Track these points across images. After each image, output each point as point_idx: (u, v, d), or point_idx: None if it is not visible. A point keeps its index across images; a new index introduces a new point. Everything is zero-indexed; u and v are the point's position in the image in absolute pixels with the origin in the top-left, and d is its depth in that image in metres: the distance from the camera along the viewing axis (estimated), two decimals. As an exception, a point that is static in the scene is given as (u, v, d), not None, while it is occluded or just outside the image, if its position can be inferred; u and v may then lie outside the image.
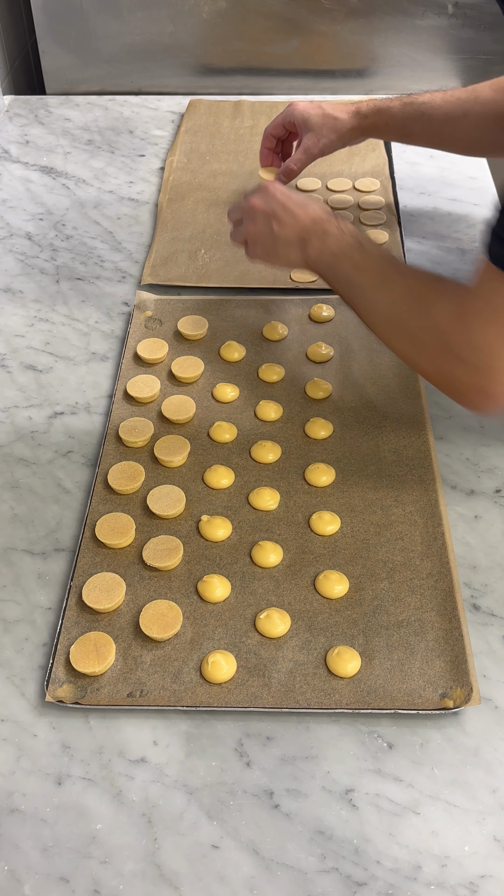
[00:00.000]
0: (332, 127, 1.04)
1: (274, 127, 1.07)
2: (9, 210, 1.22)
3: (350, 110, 1.04)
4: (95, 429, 0.89)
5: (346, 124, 1.04)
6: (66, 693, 0.66)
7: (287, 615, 0.71)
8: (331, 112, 1.04)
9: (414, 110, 1.01)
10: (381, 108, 1.03)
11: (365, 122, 1.04)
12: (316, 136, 1.04)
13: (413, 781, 0.62)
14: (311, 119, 1.03)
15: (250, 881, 0.57)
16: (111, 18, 1.45)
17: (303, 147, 1.04)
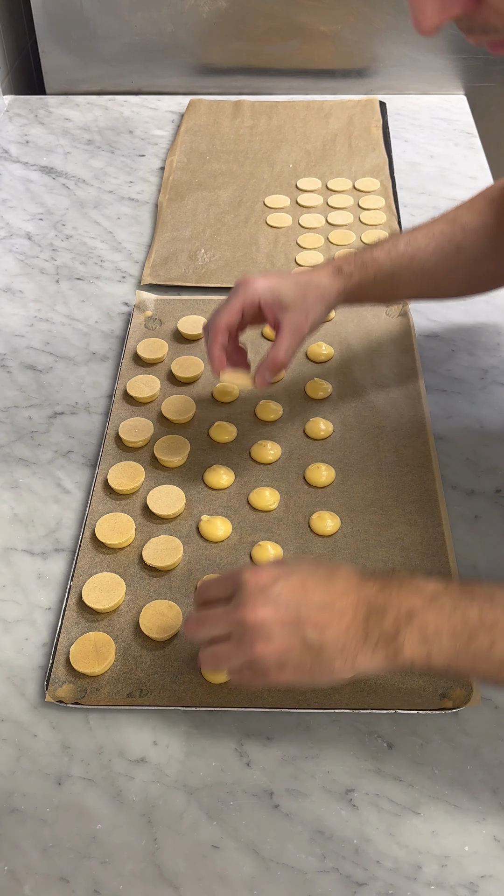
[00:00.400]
0: (318, 297, 0.78)
1: (229, 314, 0.76)
2: (9, 210, 1.22)
3: (329, 271, 0.80)
4: (95, 429, 0.89)
5: (330, 289, 0.79)
6: (66, 693, 0.66)
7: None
8: (306, 279, 0.78)
9: (400, 255, 0.81)
10: (366, 262, 0.80)
11: (350, 283, 0.80)
12: (301, 312, 0.76)
13: (413, 781, 0.62)
14: (286, 294, 0.76)
15: (250, 881, 0.57)
16: (111, 18, 1.44)
17: (289, 328, 0.76)
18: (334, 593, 0.56)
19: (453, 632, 0.53)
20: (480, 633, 0.53)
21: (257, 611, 0.56)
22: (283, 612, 0.55)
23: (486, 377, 0.94)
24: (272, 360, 0.76)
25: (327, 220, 1.18)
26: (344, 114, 1.41)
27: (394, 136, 1.37)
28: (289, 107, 1.44)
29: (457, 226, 0.82)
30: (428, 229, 0.82)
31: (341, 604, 0.55)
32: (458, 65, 1.47)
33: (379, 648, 0.54)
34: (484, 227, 0.81)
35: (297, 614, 0.55)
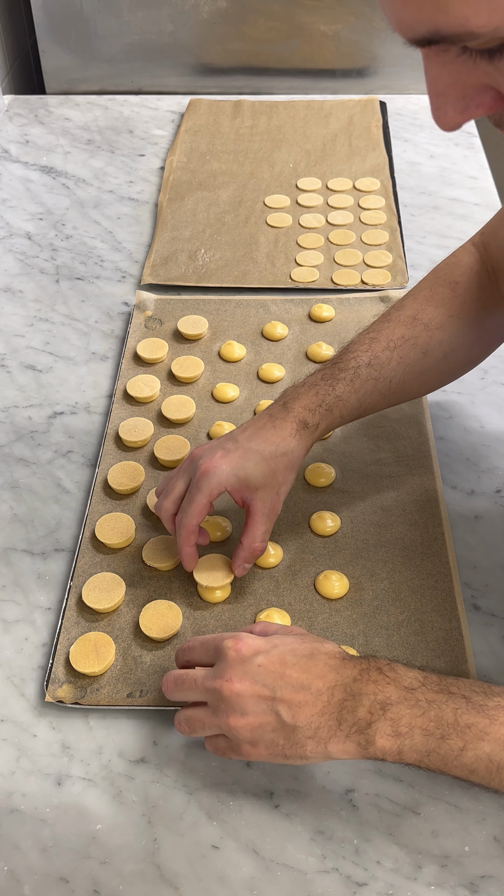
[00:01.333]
0: (287, 466, 0.70)
1: (199, 515, 0.69)
2: (9, 210, 1.22)
3: (292, 430, 0.70)
4: (95, 429, 0.89)
5: (299, 454, 0.71)
6: (66, 693, 0.66)
7: (287, 615, 0.71)
8: (272, 450, 0.69)
9: (364, 382, 0.73)
10: (331, 405, 0.72)
11: (317, 434, 0.72)
12: (272, 490, 0.70)
13: (413, 781, 0.62)
14: (253, 475, 0.69)
15: (250, 881, 0.57)
16: (111, 18, 1.45)
17: (259, 515, 0.70)
18: (312, 674, 0.55)
19: (426, 729, 0.52)
20: (453, 735, 0.52)
21: (234, 684, 0.56)
22: (259, 687, 0.55)
23: (486, 377, 0.94)
24: (250, 551, 0.71)
25: (327, 220, 1.18)
26: (344, 114, 1.41)
27: (394, 136, 1.37)
28: (289, 107, 1.44)
29: (419, 327, 0.74)
30: (387, 339, 0.74)
31: (318, 686, 0.55)
32: (459, 65, 1.46)
33: (351, 737, 0.54)
34: (450, 319, 0.75)
35: (273, 692, 0.55)
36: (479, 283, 0.76)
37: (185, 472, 0.70)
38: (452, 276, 0.76)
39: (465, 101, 0.40)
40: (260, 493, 0.70)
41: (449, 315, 0.75)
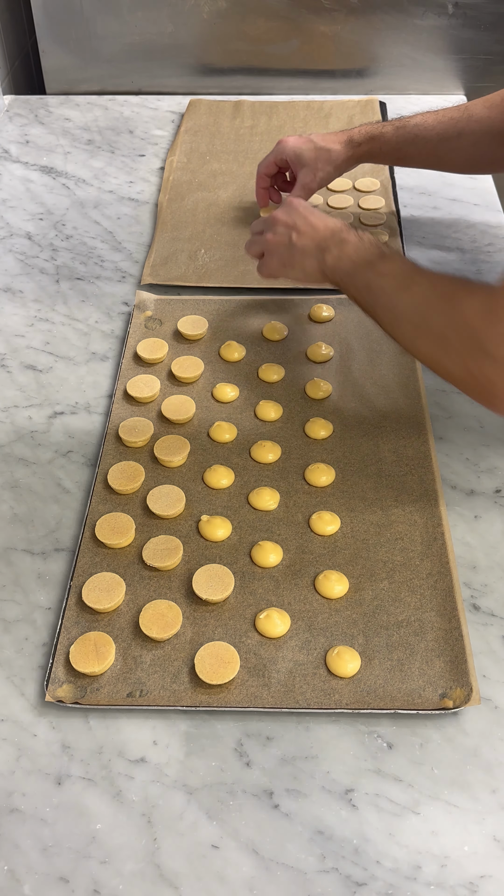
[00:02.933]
0: (327, 159, 1.04)
1: (266, 166, 1.08)
2: (9, 210, 1.22)
3: (342, 140, 1.04)
4: (95, 429, 0.89)
5: (340, 155, 1.04)
6: (66, 693, 0.66)
7: (287, 615, 0.71)
8: (323, 144, 1.04)
9: (407, 133, 1.01)
10: (375, 135, 1.03)
11: (359, 151, 1.04)
12: (312, 170, 1.04)
13: (413, 781, 0.62)
14: (304, 154, 1.03)
15: (250, 881, 0.57)
16: (111, 18, 1.45)
17: (300, 183, 1.04)
18: (321, 221, 0.84)
19: (352, 259, 0.79)
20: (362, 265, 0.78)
21: (279, 214, 0.88)
22: (289, 218, 0.86)
23: (486, 377, 0.94)
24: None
25: (327, 220, 1.18)
26: (344, 114, 1.41)
27: (394, 136, 1.37)
28: (289, 107, 1.44)
29: (466, 113, 0.98)
30: (441, 113, 1.00)
31: (319, 227, 0.84)
32: (458, 65, 1.47)
33: (316, 257, 0.82)
34: (489, 118, 0.96)
35: (295, 222, 0.85)
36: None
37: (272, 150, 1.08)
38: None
39: None
40: (305, 169, 1.04)
41: (489, 115, 0.97)
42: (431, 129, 1.00)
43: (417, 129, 1.01)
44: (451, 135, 0.99)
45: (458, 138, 0.99)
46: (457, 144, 0.99)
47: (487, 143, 0.98)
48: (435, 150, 1.01)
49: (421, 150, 1.02)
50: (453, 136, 0.99)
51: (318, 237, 0.83)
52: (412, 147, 1.02)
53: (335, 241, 0.81)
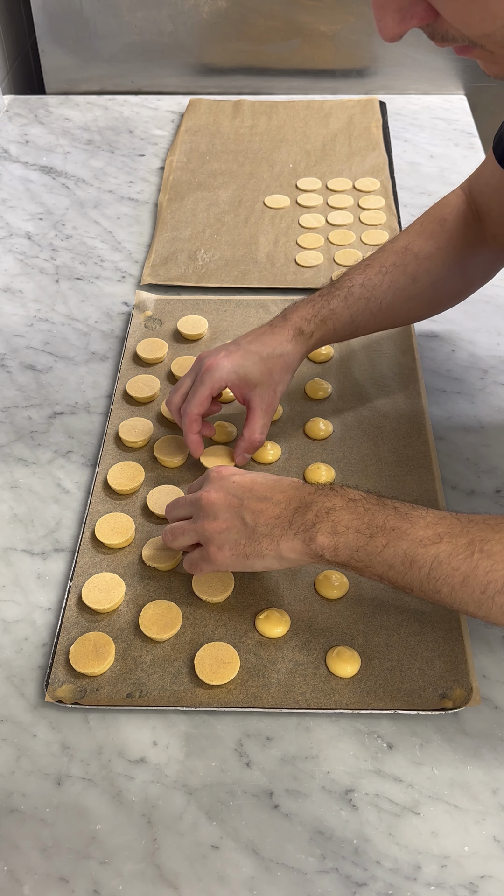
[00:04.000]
0: (283, 367, 0.80)
1: (199, 404, 0.79)
2: (9, 210, 1.22)
3: (289, 335, 0.80)
4: (95, 429, 0.89)
5: (295, 356, 0.81)
6: (66, 693, 0.66)
7: (287, 615, 0.71)
8: (269, 351, 0.79)
9: (357, 300, 0.82)
10: (325, 317, 0.81)
11: (311, 342, 0.82)
12: (269, 388, 0.80)
13: (413, 782, 0.62)
14: (252, 371, 0.78)
15: (250, 881, 0.57)
16: (111, 18, 1.44)
17: (259, 410, 0.80)
18: (275, 490, 0.66)
19: (359, 530, 0.60)
20: (380, 535, 0.60)
21: (211, 494, 0.67)
22: (230, 497, 0.66)
23: (486, 377, 0.94)
24: (250, 442, 0.80)
25: (327, 220, 1.18)
26: (344, 114, 1.41)
27: (394, 136, 1.37)
28: (289, 107, 1.44)
29: (409, 255, 0.83)
30: (380, 265, 0.83)
31: (278, 498, 0.65)
32: (458, 65, 1.47)
33: (298, 535, 0.62)
34: (438, 251, 0.82)
35: (241, 501, 0.65)
36: (465, 221, 0.83)
37: (193, 371, 0.80)
38: (441, 214, 0.84)
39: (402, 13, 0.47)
40: (258, 389, 0.79)
41: (437, 247, 0.82)
42: (379, 284, 0.82)
43: (366, 291, 0.82)
44: (403, 283, 0.82)
45: (413, 284, 0.82)
46: (413, 291, 0.83)
47: (445, 279, 0.84)
48: (391, 308, 0.83)
49: (375, 314, 0.83)
50: (407, 283, 0.82)
51: (285, 510, 0.64)
52: (365, 314, 0.83)
53: (315, 511, 0.62)
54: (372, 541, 0.60)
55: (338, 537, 0.61)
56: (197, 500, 0.68)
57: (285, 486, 0.66)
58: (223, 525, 0.65)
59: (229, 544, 0.65)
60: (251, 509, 0.65)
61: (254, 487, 0.66)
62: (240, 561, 0.65)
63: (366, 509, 0.61)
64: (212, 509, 0.66)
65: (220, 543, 0.65)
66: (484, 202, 0.83)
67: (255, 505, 0.65)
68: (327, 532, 0.61)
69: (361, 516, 0.61)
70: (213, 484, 0.68)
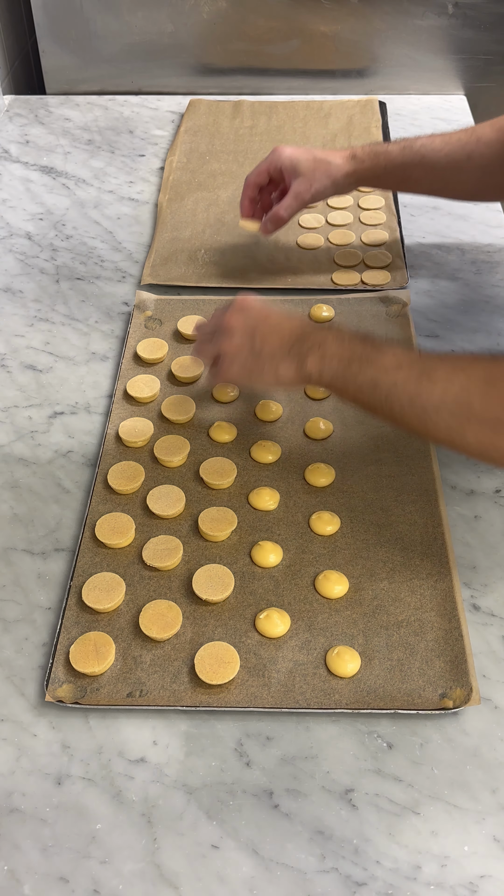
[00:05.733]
0: (326, 171, 0.96)
1: (257, 174, 0.99)
2: (9, 210, 1.22)
3: (344, 154, 0.97)
4: (95, 429, 0.89)
5: (340, 169, 0.96)
6: (66, 693, 0.66)
7: (287, 615, 0.71)
8: (323, 156, 0.96)
9: (413, 154, 0.94)
10: (379, 152, 0.96)
11: (361, 167, 0.96)
12: (307, 180, 0.96)
13: (413, 781, 0.62)
14: (301, 163, 0.96)
15: (250, 881, 0.57)
16: (111, 18, 1.45)
17: (293, 192, 0.96)
18: (284, 322, 0.76)
19: (341, 357, 0.70)
20: (356, 362, 0.69)
21: (233, 318, 0.77)
22: (247, 322, 0.76)
23: (485, 377, 0.94)
24: (274, 214, 0.97)
25: (327, 220, 1.18)
26: (344, 114, 1.41)
27: (394, 136, 1.37)
28: (289, 107, 1.44)
29: (473, 136, 0.93)
30: (448, 135, 0.94)
31: (285, 328, 0.75)
32: (458, 65, 1.47)
33: (293, 360, 0.73)
34: (497, 141, 0.91)
35: (255, 327, 0.76)
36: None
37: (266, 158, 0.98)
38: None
39: None
40: (299, 178, 0.96)
41: (497, 139, 0.91)
42: (438, 150, 0.93)
43: (424, 150, 0.94)
44: (459, 157, 0.92)
45: (468, 161, 0.92)
46: (465, 167, 0.93)
47: (495, 168, 0.92)
48: (442, 174, 0.94)
49: (427, 172, 0.94)
50: (462, 158, 0.92)
51: (288, 340, 0.74)
52: (418, 169, 0.95)
53: (311, 342, 0.72)
54: (349, 367, 0.70)
55: (324, 362, 0.71)
56: (220, 322, 0.79)
57: (293, 321, 0.76)
58: (237, 344, 0.76)
59: (238, 362, 0.76)
60: (261, 334, 0.75)
61: (268, 317, 0.76)
62: (245, 376, 0.77)
63: (350, 342, 0.71)
64: (230, 330, 0.77)
65: (231, 359, 0.77)
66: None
67: (266, 331, 0.75)
68: (317, 358, 0.72)
69: (345, 347, 0.71)
70: (236, 309, 0.78)
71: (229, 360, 0.77)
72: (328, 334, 0.73)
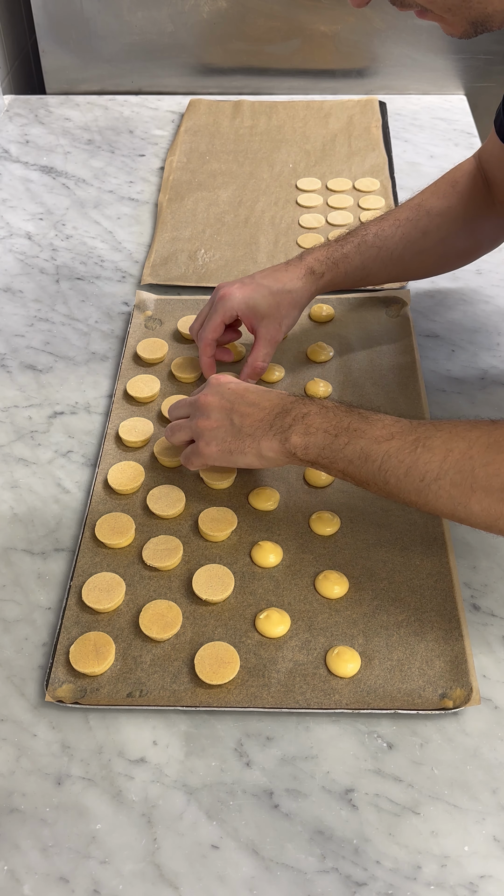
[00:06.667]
0: (290, 303, 0.87)
1: (212, 330, 0.87)
2: (9, 210, 1.22)
3: (301, 273, 0.87)
4: (95, 429, 0.89)
5: (303, 294, 0.88)
6: (66, 693, 0.66)
7: (287, 615, 0.71)
8: (278, 286, 0.86)
9: (369, 248, 0.89)
10: (337, 259, 0.88)
11: (321, 282, 0.89)
12: (275, 321, 0.86)
13: (413, 781, 0.62)
14: (260, 304, 0.85)
15: (250, 881, 0.57)
16: (111, 18, 1.44)
17: (264, 339, 0.86)
18: (263, 398, 0.73)
19: (327, 430, 0.68)
20: (344, 434, 0.67)
21: (208, 397, 0.75)
22: (224, 401, 0.74)
23: (486, 377, 0.94)
24: (252, 368, 0.87)
25: (327, 221, 1.18)
26: (344, 114, 1.41)
27: (394, 136, 1.37)
28: (289, 107, 1.44)
29: (422, 211, 0.89)
30: (394, 218, 0.90)
31: (264, 405, 0.72)
32: (458, 65, 1.47)
33: (276, 436, 0.70)
34: (449, 209, 0.89)
35: (232, 405, 0.73)
36: (475, 185, 0.90)
37: (210, 300, 0.88)
38: (454, 177, 0.91)
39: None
40: (265, 321, 0.86)
41: (448, 206, 0.89)
42: (392, 236, 0.89)
43: (378, 241, 0.89)
44: (414, 237, 0.89)
45: (424, 238, 0.89)
46: (423, 245, 0.89)
47: (454, 236, 0.90)
48: (401, 259, 0.90)
49: (386, 262, 0.90)
50: (418, 237, 0.89)
51: (269, 415, 0.71)
52: (377, 262, 0.90)
53: (294, 415, 0.70)
54: (336, 440, 0.67)
55: (308, 437, 0.68)
56: (195, 402, 0.76)
57: (272, 396, 0.73)
58: (214, 424, 0.73)
59: (217, 441, 0.73)
60: (240, 412, 0.73)
61: (245, 394, 0.74)
62: (224, 456, 0.73)
63: (335, 414, 0.69)
64: (206, 410, 0.74)
65: (208, 439, 0.74)
66: (490, 171, 0.89)
67: (244, 409, 0.73)
68: (300, 433, 0.69)
69: (331, 420, 0.68)
70: (211, 388, 0.76)
71: (206, 440, 0.73)
72: (311, 406, 0.70)
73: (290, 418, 0.70)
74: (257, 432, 0.71)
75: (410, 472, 0.63)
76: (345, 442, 0.66)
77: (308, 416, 0.69)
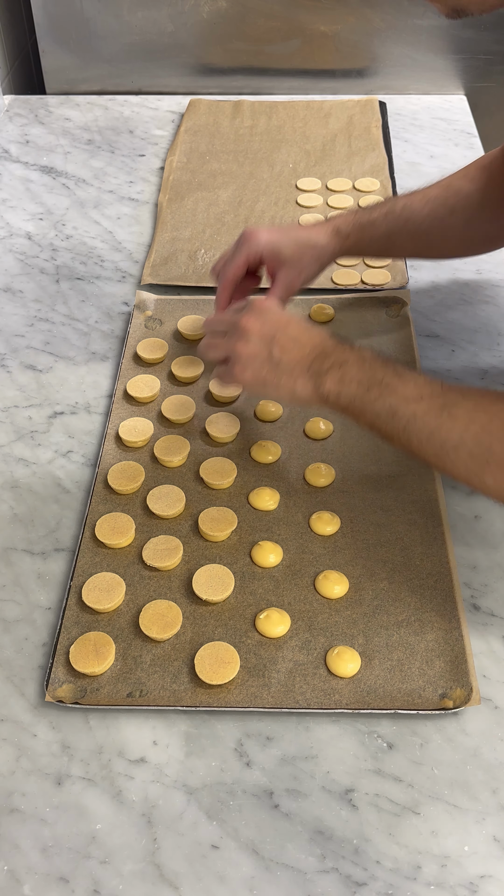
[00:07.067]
0: (314, 256, 0.87)
1: (235, 268, 0.86)
2: (9, 210, 1.22)
3: (328, 231, 0.89)
4: (95, 429, 0.89)
5: (326, 250, 0.88)
6: (66, 693, 0.66)
7: (287, 615, 0.71)
8: (305, 237, 0.87)
9: (396, 219, 0.89)
10: (363, 224, 0.89)
11: (347, 243, 0.89)
12: (295, 269, 0.87)
13: (413, 781, 0.62)
14: (284, 250, 0.86)
15: (250, 881, 0.57)
16: (111, 18, 1.44)
17: (282, 283, 0.87)
18: (306, 333, 0.72)
19: (360, 382, 0.68)
20: (375, 388, 0.67)
21: (250, 320, 0.73)
22: (265, 328, 0.72)
23: (486, 377, 0.94)
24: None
25: (327, 220, 1.18)
26: (344, 114, 1.41)
27: (394, 136, 1.37)
28: (289, 107, 1.44)
29: (450, 191, 0.89)
30: (424, 194, 0.90)
31: (306, 341, 0.71)
32: (458, 65, 1.47)
33: (312, 378, 0.70)
34: (476, 191, 0.89)
35: (274, 334, 0.72)
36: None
37: (236, 243, 0.87)
38: (483, 163, 0.91)
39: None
40: (286, 267, 0.86)
41: (476, 188, 0.89)
42: (420, 210, 0.89)
43: (406, 212, 0.89)
44: (442, 213, 0.89)
45: (451, 215, 0.89)
46: (450, 222, 0.89)
47: (479, 218, 0.89)
48: (427, 235, 0.90)
49: (412, 236, 0.90)
50: (445, 214, 0.89)
51: (309, 355, 0.71)
52: (403, 234, 0.90)
53: (332, 361, 0.70)
54: (368, 392, 0.67)
55: (343, 385, 0.68)
56: (235, 323, 0.74)
57: (313, 334, 0.72)
58: (253, 350, 0.72)
59: (253, 369, 0.72)
60: (280, 345, 0.71)
61: (288, 326, 0.72)
62: (258, 386, 0.73)
63: (371, 366, 0.68)
64: (246, 333, 0.73)
65: (245, 365, 0.73)
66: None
67: (286, 342, 0.71)
68: (336, 380, 0.69)
69: (366, 371, 0.68)
70: (254, 312, 0.74)
71: (242, 365, 0.73)
72: (350, 354, 0.70)
73: (329, 363, 0.69)
74: (295, 370, 0.71)
75: (433, 436, 0.64)
76: (376, 395, 0.67)
77: (346, 363, 0.69)
